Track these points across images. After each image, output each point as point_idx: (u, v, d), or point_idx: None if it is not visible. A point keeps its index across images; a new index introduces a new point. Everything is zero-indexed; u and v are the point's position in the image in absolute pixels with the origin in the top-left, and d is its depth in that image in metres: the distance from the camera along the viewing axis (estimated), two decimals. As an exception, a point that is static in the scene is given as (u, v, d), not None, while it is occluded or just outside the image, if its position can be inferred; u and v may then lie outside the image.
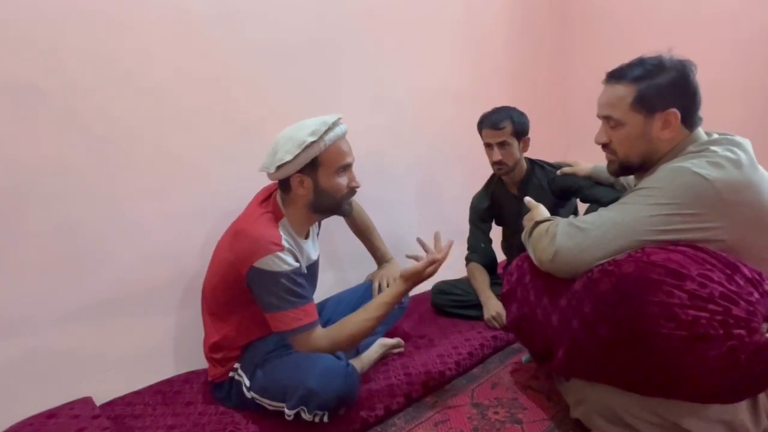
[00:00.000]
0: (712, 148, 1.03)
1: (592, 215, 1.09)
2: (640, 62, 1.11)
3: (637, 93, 1.08)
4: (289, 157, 1.24)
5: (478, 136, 1.92)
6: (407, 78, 2.24)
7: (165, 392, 1.47)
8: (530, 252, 1.21)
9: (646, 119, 1.09)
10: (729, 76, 2.55)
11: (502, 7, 2.71)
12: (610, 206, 1.09)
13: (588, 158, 1.94)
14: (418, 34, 2.27)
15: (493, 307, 1.82)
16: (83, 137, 1.39)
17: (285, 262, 1.24)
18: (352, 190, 1.38)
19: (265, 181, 1.44)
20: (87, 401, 1.37)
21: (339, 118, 1.31)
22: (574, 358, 1.09)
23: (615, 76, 1.13)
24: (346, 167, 1.34)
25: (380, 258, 1.74)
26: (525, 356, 1.59)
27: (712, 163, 0.99)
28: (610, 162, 1.19)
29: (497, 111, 1.88)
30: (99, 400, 1.41)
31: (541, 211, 1.30)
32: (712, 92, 2.70)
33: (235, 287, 1.29)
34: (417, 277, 1.34)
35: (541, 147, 2.14)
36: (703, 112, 1.12)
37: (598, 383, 1.11)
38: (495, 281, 1.97)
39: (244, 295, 1.29)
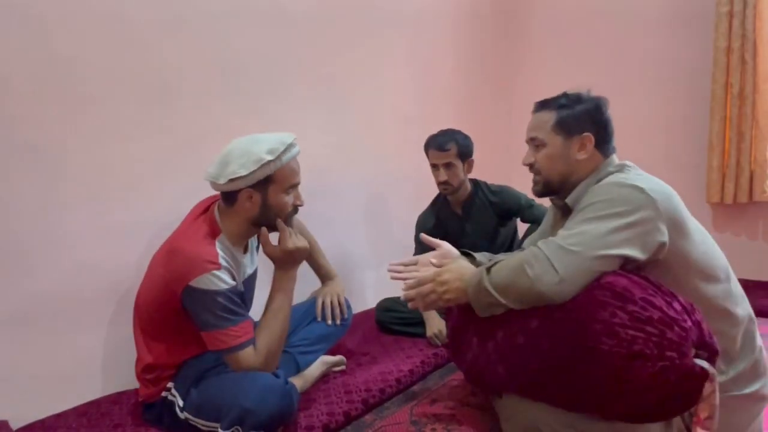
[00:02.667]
0: (628, 166, 1.20)
1: (573, 237, 1.06)
2: (563, 95, 1.28)
3: (558, 117, 1.24)
4: (243, 172, 1.23)
5: (425, 157, 1.97)
6: (356, 98, 2.28)
7: (91, 414, 1.39)
8: (509, 287, 1.08)
9: (565, 141, 1.23)
10: (651, 109, 2.80)
11: (450, 36, 2.81)
12: (577, 225, 1.09)
13: (529, 179, 2.03)
14: (369, 56, 2.32)
15: (435, 324, 1.85)
16: (8, 141, 1.32)
17: (221, 280, 1.22)
18: (295, 208, 1.38)
19: (206, 195, 1.41)
20: (2, 425, 1.28)
21: (295, 138, 1.33)
22: (516, 374, 1.13)
23: (541, 105, 1.29)
24: (295, 186, 1.35)
25: (324, 275, 1.74)
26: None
27: (639, 177, 1.12)
28: (535, 183, 1.31)
29: (443, 133, 1.94)
30: (16, 423, 1.32)
31: (479, 259, 1.33)
32: (639, 124, 2.92)
33: (170, 306, 1.25)
34: (269, 248, 1.32)
35: (485, 169, 2.23)
36: (630, 142, 1.24)
37: (527, 400, 1.14)
38: (438, 299, 2.01)
39: (179, 314, 1.26)
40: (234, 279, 1.28)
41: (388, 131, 2.44)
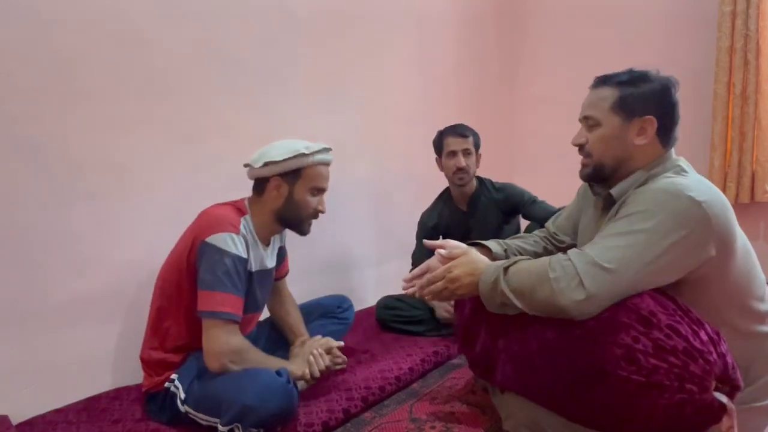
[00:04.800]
0: (684, 168, 1.09)
1: (611, 252, 0.99)
2: (628, 71, 1.15)
3: (619, 96, 1.11)
4: (278, 158, 1.33)
5: (428, 155, 1.98)
6: (359, 96, 2.27)
7: (91, 410, 1.39)
8: (527, 293, 1.02)
9: (623, 122, 1.11)
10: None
11: (453, 35, 2.81)
12: (617, 236, 1.00)
13: (530, 177, 2.04)
14: (372, 55, 2.32)
15: (442, 306, 1.88)
16: (12, 139, 1.32)
17: (236, 245, 1.28)
18: (316, 212, 1.44)
19: (209, 195, 1.42)
20: (2, 420, 1.28)
21: (331, 149, 1.42)
22: (524, 376, 1.10)
23: (602, 80, 1.16)
24: (320, 190, 1.43)
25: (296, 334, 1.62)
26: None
27: (697, 185, 1.01)
28: (583, 166, 1.19)
29: (459, 124, 1.99)
30: (16, 418, 1.32)
31: (482, 258, 1.17)
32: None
33: (187, 270, 1.29)
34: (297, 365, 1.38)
35: (487, 167, 2.23)
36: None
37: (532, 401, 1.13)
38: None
39: (192, 281, 1.28)
40: (247, 254, 1.33)
41: (390, 129, 2.44)
